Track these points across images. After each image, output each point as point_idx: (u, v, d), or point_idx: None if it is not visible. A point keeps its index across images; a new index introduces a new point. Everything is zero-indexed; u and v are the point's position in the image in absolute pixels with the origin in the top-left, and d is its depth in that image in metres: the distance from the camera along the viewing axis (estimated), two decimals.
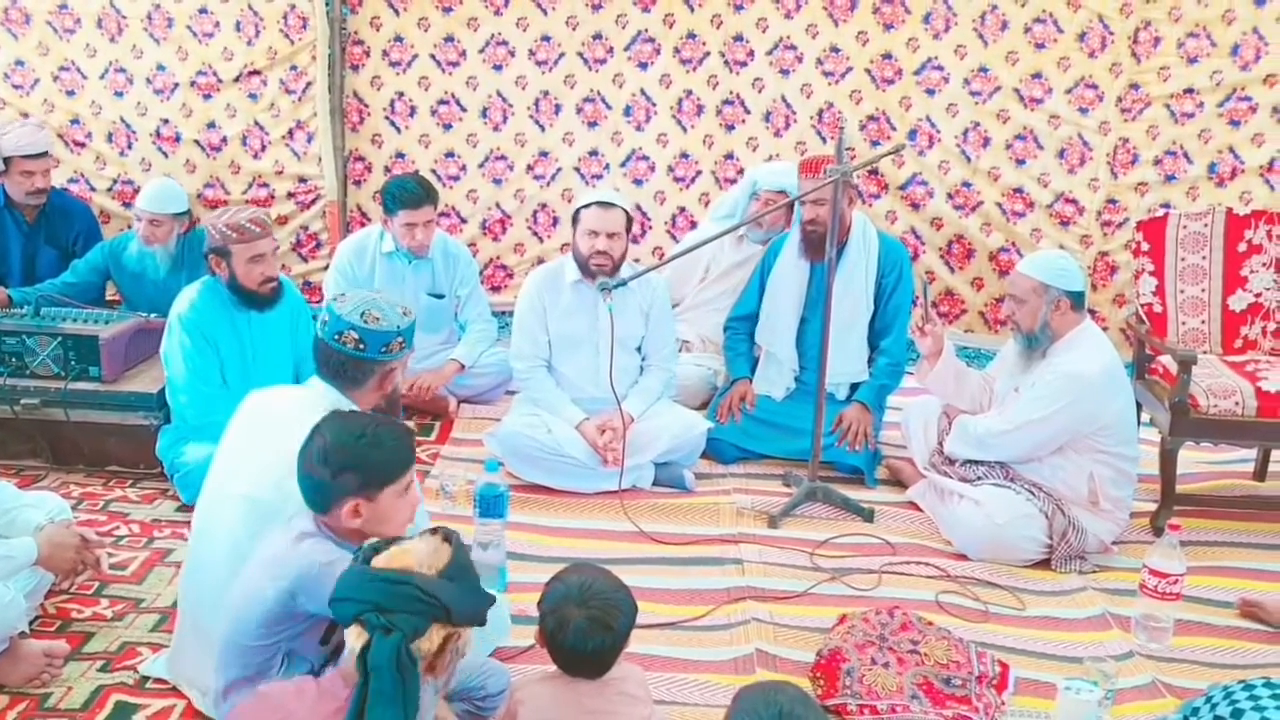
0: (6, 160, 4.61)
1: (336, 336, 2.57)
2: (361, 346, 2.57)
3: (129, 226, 4.87)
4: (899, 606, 3.00)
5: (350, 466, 2.18)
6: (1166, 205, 4.93)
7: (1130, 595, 3.20)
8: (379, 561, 1.92)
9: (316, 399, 2.58)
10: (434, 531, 2.00)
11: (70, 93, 5.41)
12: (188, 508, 3.53)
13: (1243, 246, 4.09)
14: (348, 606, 1.90)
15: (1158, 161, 5.04)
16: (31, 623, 2.86)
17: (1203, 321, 4.09)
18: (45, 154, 4.74)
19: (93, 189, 5.41)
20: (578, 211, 3.95)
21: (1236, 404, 3.65)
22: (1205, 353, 3.98)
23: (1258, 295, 4.06)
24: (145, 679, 2.75)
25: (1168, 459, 3.75)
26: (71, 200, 5.02)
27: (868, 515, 3.75)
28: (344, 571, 1.96)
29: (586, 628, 2.20)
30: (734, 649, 2.98)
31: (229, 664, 2.19)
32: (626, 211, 3.92)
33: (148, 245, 4.45)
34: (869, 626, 2.87)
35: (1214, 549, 3.63)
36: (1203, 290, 4.10)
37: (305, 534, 2.22)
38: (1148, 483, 3.80)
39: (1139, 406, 3.86)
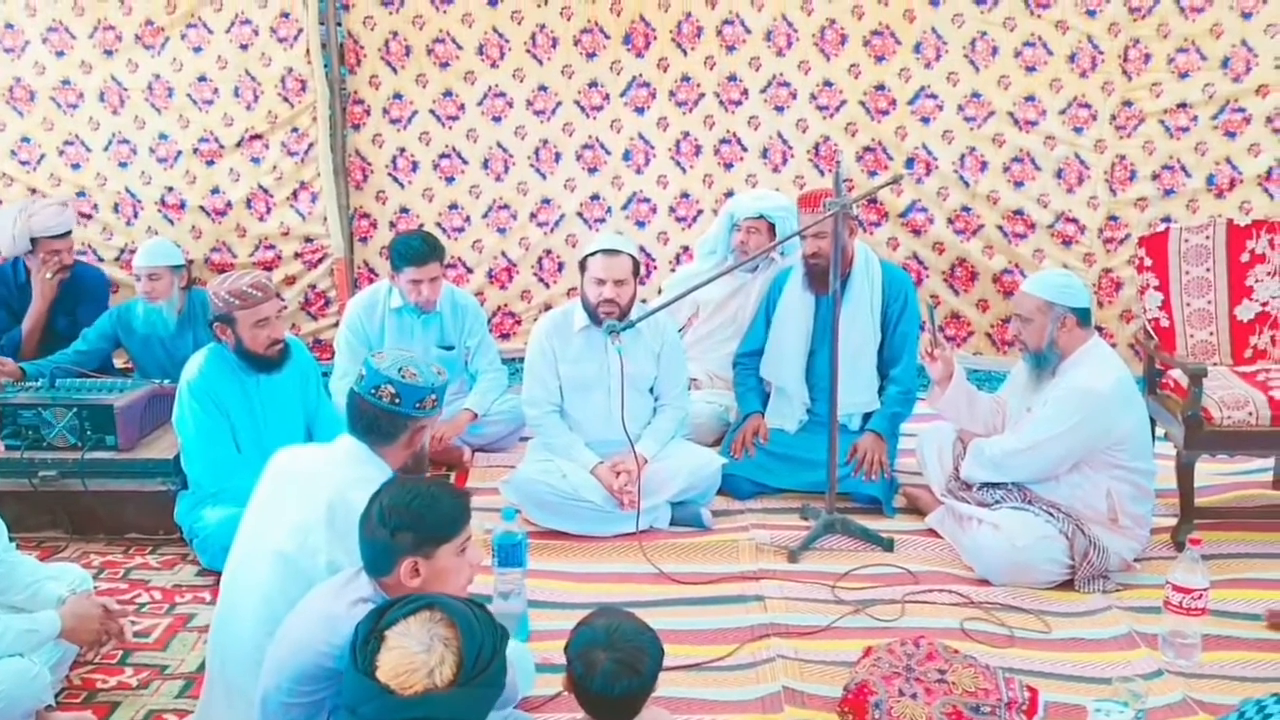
0: (33, 240, 4.73)
1: (373, 390, 2.61)
2: (397, 401, 2.61)
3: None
4: (924, 636, 2.99)
5: (407, 525, 2.20)
6: (1167, 219, 4.95)
7: (1155, 613, 3.18)
8: (384, 673, 1.85)
9: (345, 455, 2.63)
10: (427, 608, 1.94)
11: (76, 166, 5.49)
12: (208, 572, 3.55)
13: (1246, 256, 4.10)
14: None
15: (1156, 176, 5.06)
16: (58, 695, 2.87)
17: (1211, 333, 4.09)
18: (69, 233, 4.86)
19: (100, 259, 5.46)
20: (584, 259, 3.97)
21: (1250, 414, 3.65)
22: (1215, 364, 3.98)
23: (1264, 304, 4.06)
24: None
25: (1185, 473, 3.74)
26: (84, 266, 5.05)
27: (887, 545, 3.74)
28: (352, 682, 1.89)
29: (614, 671, 2.20)
30: (760, 687, 2.97)
31: (273, 718, 2.19)
32: (633, 256, 3.93)
33: (152, 302, 4.51)
34: (895, 657, 2.86)
35: (1237, 561, 3.61)
36: (1209, 302, 4.10)
37: (363, 599, 2.22)
38: (1166, 498, 3.79)
39: (1153, 421, 3.85)
